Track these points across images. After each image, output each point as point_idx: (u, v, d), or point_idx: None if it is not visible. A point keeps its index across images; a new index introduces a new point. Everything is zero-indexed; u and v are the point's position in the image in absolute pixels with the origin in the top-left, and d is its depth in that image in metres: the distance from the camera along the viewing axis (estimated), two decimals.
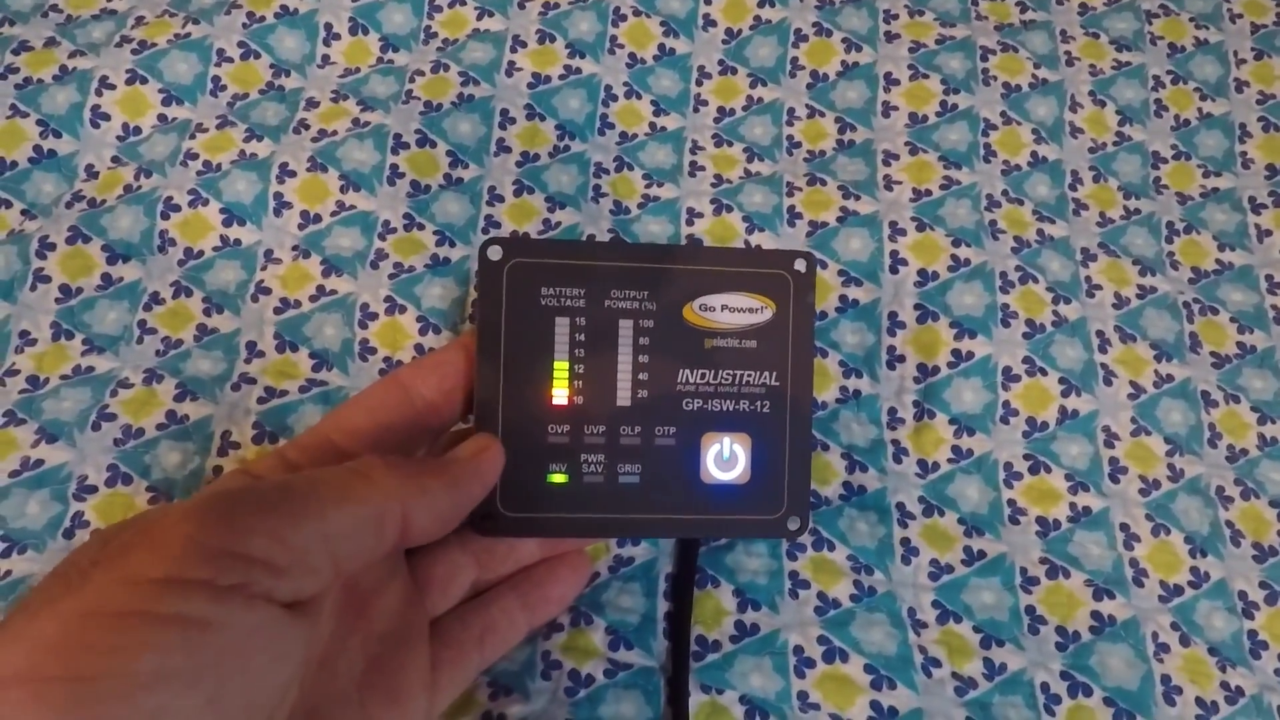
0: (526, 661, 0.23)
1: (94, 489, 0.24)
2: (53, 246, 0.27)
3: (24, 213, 0.27)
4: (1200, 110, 0.33)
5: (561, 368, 0.21)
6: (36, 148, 0.28)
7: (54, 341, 0.26)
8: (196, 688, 0.13)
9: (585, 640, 0.23)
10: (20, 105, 0.28)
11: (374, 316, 0.27)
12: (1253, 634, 0.25)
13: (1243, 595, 0.25)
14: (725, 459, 0.21)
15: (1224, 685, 0.24)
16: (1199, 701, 0.24)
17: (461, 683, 0.21)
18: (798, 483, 0.22)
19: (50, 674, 0.12)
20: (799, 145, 0.31)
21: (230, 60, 0.30)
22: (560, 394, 0.21)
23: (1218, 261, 0.30)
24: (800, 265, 0.22)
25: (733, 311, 0.21)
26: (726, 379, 0.21)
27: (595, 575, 0.25)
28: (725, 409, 0.21)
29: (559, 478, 0.21)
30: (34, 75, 0.29)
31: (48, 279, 0.26)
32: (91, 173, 0.28)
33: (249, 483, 0.16)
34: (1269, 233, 0.31)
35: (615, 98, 0.31)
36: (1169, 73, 0.33)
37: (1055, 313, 0.29)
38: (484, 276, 0.21)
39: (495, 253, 0.21)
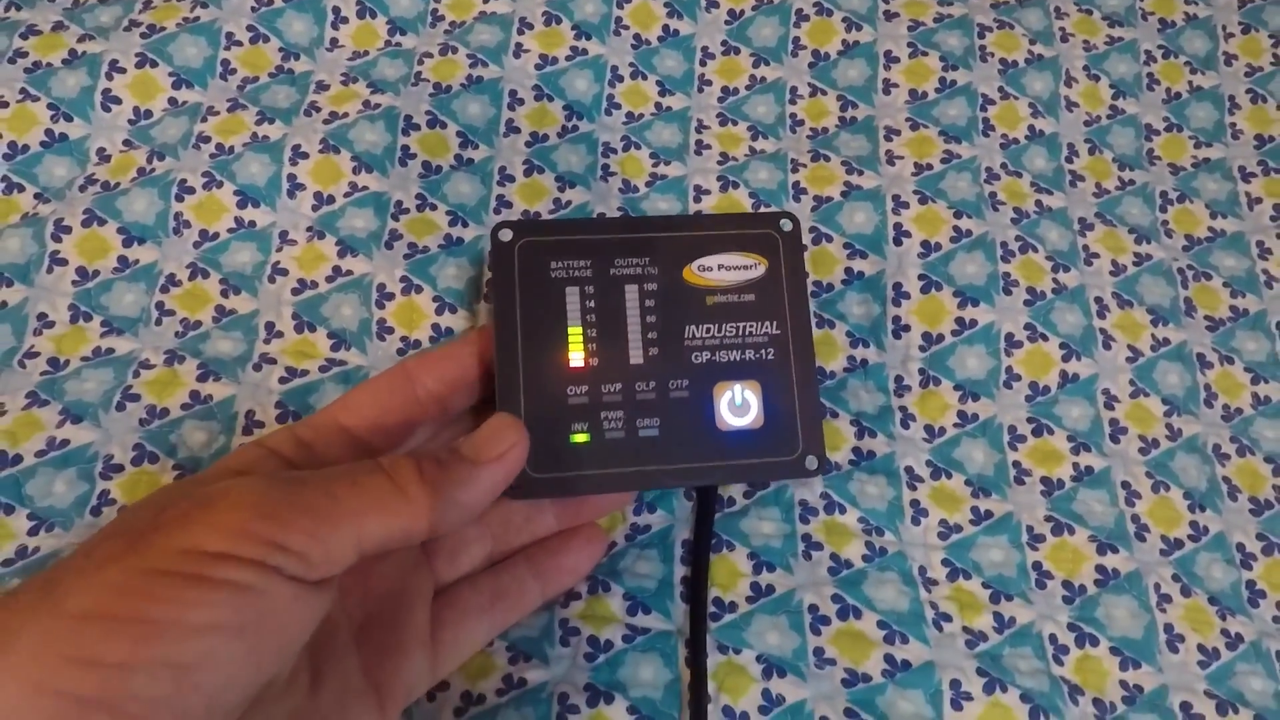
0: (545, 628, 0.23)
1: (120, 468, 0.24)
2: (68, 229, 0.27)
3: (37, 196, 0.28)
4: (1190, 83, 0.34)
5: (575, 333, 0.22)
6: (48, 131, 0.28)
7: (72, 324, 0.26)
8: (240, 638, 0.15)
9: (603, 607, 0.24)
10: (30, 89, 0.28)
11: (390, 296, 0.27)
12: (1251, 584, 0.26)
13: (1240, 547, 0.26)
14: (738, 405, 0.22)
15: (1224, 633, 0.25)
16: (1201, 648, 0.25)
17: (468, 644, 0.22)
18: (810, 423, 0.23)
19: (120, 614, 0.14)
20: (802, 123, 0.32)
21: (239, 44, 0.30)
22: (576, 357, 0.22)
23: (1210, 229, 0.31)
24: (786, 224, 0.23)
25: (728, 269, 0.23)
26: (730, 331, 0.23)
27: (612, 544, 0.25)
28: (733, 359, 0.23)
29: (582, 437, 0.22)
30: (43, 59, 0.29)
31: (64, 262, 0.26)
32: (103, 156, 0.28)
33: (298, 476, 0.17)
34: (1259, 200, 0.32)
35: (621, 78, 0.32)
36: (1160, 47, 0.34)
37: (1055, 280, 0.29)
38: (497, 257, 0.22)
39: (506, 234, 0.22)
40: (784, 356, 0.23)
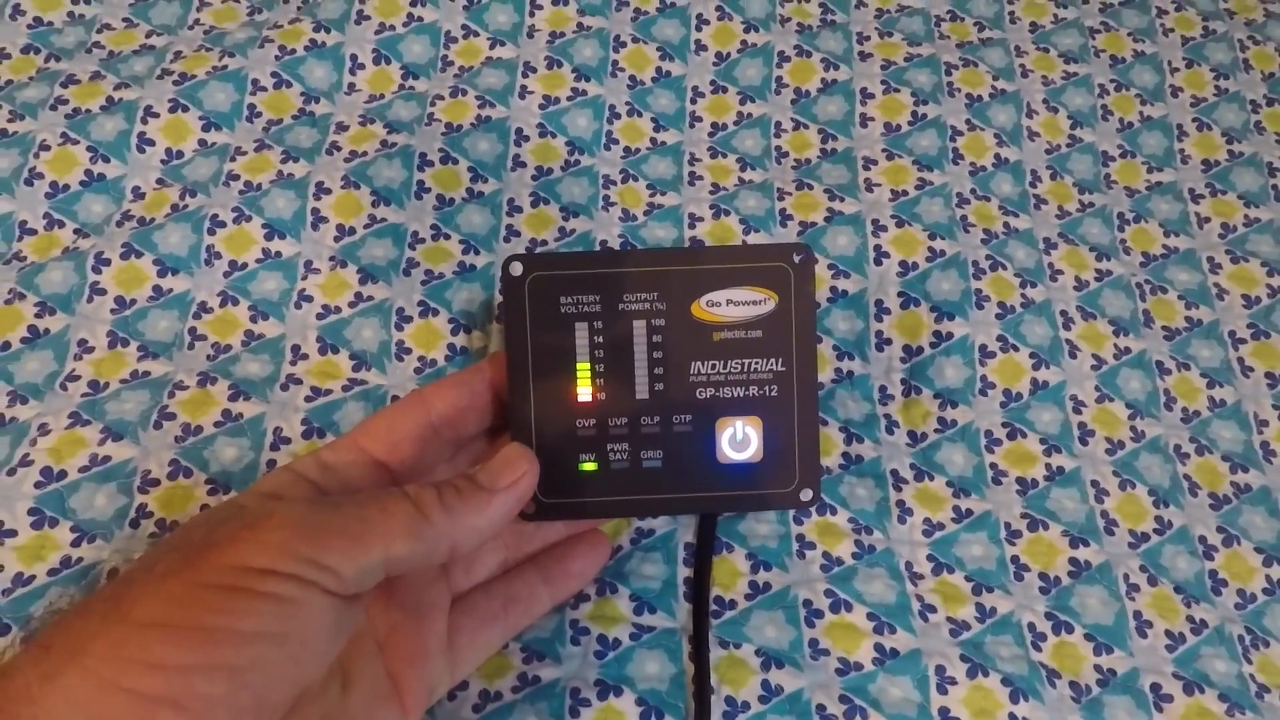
0: (556, 629, 0.25)
1: (157, 482, 0.25)
2: (108, 261, 0.29)
3: (76, 231, 0.30)
4: (1142, 114, 0.37)
5: (584, 369, 0.23)
6: (87, 171, 0.30)
7: (110, 349, 0.28)
8: (283, 644, 0.17)
9: (611, 608, 0.25)
10: (70, 133, 0.30)
11: (409, 319, 0.29)
12: (1213, 573, 0.28)
13: (1202, 539, 0.28)
14: (739, 440, 0.23)
15: (1189, 619, 0.27)
16: (1168, 633, 0.26)
17: (485, 646, 0.23)
18: (808, 457, 0.23)
19: (180, 623, 0.16)
20: (786, 155, 0.34)
21: (264, 89, 0.32)
22: (584, 392, 0.23)
23: (1164, 246, 0.34)
24: (798, 257, 0.23)
25: (737, 305, 0.23)
26: (735, 368, 0.23)
27: (618, 548, 0.27)
28: (736, 395, 0.23)
29: (589, 466, 0.23)
30: (82, 106, 0.31)
31: (103, 291, 0.28)
32: (138, 194, 0.30)
33: (335, 501, 0.19)
34: (1208, 220, 0.35)
35: (619, 116, 0.34)
36: (1112, 81, 0.37)
37: (1023, 295, 0.32)
38: (508, 291, 0.22)
39: (516, 269, 0.23)
40: (787, 392, 0.23)
